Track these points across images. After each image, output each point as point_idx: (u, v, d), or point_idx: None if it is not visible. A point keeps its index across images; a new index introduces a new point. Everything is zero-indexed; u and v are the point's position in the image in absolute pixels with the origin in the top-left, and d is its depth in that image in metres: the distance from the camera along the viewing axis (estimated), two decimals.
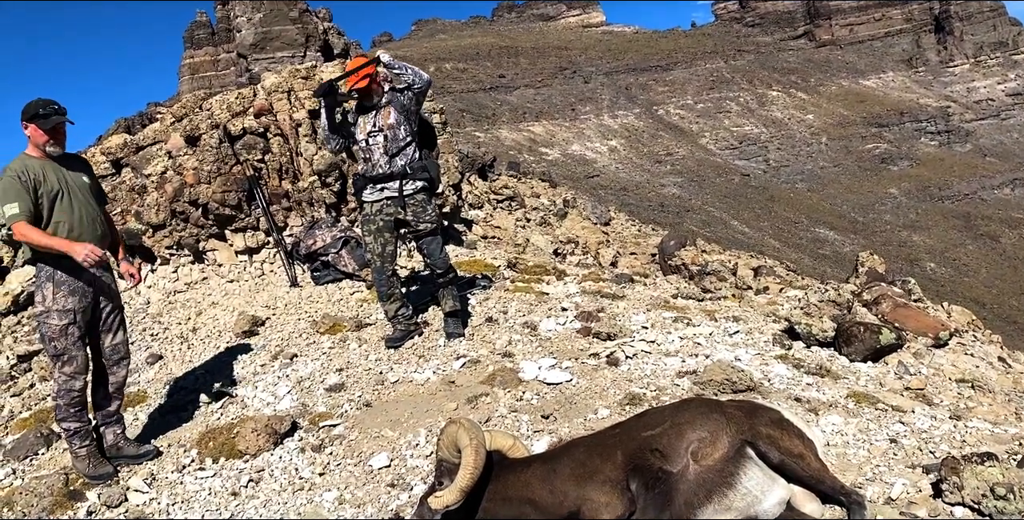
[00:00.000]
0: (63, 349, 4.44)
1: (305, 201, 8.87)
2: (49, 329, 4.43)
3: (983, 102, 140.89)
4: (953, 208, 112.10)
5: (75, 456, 4.57)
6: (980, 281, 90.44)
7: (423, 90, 5.82)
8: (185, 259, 8.47)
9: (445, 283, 6.14)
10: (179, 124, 9.00)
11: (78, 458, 4.55)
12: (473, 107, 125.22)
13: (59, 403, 4.50)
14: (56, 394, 4.50)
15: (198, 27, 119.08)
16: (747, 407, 3.26)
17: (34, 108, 4.34)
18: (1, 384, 6.70)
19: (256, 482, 4.24)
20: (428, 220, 5.97)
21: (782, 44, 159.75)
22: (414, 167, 5.88)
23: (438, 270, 6.12)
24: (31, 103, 4.38)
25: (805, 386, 4.86)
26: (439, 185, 6.69)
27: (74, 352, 4.47)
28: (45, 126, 4.33)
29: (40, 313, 4.46)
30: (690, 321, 6.37)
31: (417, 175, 5.89)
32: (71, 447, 4.58)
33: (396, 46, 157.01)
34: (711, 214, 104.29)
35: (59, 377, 4.47)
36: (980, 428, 4.22)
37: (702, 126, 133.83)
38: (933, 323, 6.62)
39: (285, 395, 5.41)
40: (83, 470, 4.52)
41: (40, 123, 4.33)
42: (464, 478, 3.07)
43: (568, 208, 19.19)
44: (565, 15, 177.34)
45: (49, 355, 4.51)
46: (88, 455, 4.54)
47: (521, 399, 4.79)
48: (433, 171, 5.98)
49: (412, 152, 5.90)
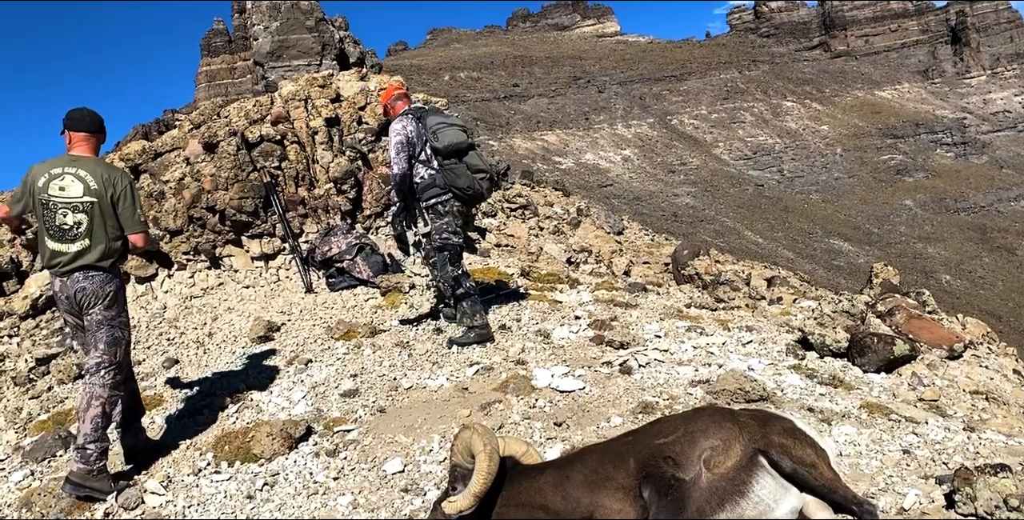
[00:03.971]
0: (125, 357, 4.55)
1: (321, 208, 8.95)
2: (126, 336, 4.56)
3: (1000, 114, 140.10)
4: (969, 220, 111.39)
5: (97, 473, 4.31)
6: (996, 294, 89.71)
7: None
8: (202, 265, 8.55)
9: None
10: (197, 131, 9.11)
11: (99, 476, 4.31)
12: (487, 116, 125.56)
13: (109, 411, 4.42)
14: (108, 400, 4.41)
15: (215, 35, 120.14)
16: (760, 416, 3.27)
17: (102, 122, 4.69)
18: (20, 387, 6.78)
19: (271, 486, 4.27)
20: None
21: (797, 55, 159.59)
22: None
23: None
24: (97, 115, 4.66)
25: (818, 396, 4.86)
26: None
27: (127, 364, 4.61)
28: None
29: (119, 315, 4.52)
30: (703, 330, 6.38)
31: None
32: (95, 464, 4.31)
33: (411, 55, 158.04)
34: (724, 224, 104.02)
35: (113, 383, 4.44)
36: (994, 440, 4.20)
37: (716, 136, 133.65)
38: (947, 335, 6.60)
39: (300, 400, 5.45)
40: (106, 488, 4.30)
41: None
42: (477, 483, 3.09)
43: (581, 217, 19.21)
44: (579, 25, 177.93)
45: (116, 362, 4.47)
46: (107, 473, 4.38)
47: (534, 406, 4.81)
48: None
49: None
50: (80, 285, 4.42)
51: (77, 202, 4.37)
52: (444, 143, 6.00)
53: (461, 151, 6.08)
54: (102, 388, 4.41)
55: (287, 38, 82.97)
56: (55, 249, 4.39)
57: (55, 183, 4.38)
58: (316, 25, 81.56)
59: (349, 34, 75.33)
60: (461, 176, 6.04)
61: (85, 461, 4.28)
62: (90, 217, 4.39)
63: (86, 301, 4.44)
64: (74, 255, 4.39)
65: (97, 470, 4.30)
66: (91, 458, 4.29)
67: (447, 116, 6.26)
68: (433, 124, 6.08)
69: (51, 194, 4.36)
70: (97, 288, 4.43)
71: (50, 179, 4.38)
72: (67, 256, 4.39)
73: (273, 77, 74.92)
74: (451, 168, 6.05)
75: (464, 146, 6.09)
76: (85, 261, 4.41)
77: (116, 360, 4.48)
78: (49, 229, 4.39)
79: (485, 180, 6.13)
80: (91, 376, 4.46)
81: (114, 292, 4.51)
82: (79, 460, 4.28)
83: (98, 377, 4.43)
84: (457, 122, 6.22)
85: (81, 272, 4.41)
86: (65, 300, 4.48)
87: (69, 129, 4.55)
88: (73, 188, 4.37)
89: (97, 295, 4.44)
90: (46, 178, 4.39)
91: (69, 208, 4.36)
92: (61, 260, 4.39)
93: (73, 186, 4.38)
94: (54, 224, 4.37)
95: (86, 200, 4.38)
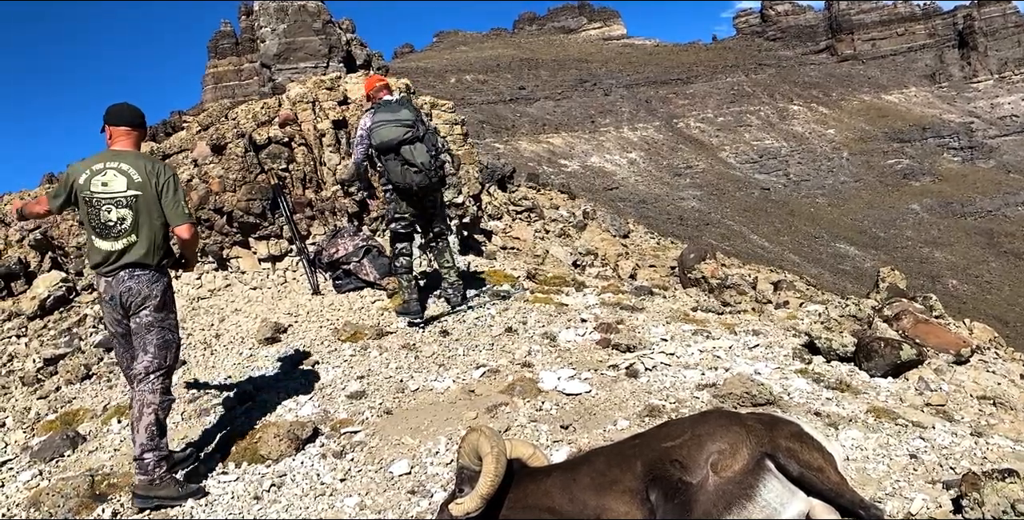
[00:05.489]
0: (175, 360, 4.41)
1: (328, 210, 8.97)
2: (177, 339, 4.42)
3: (1007, 118, 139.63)
4: (976, 224, 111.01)
5: (160, 481, 4.19)
6: (1003, 298, 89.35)
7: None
8: (209, 266, 8.58)
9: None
10: (205, 133, 9.14)
11: (164, 483, 4.19)
12: (493, 118, 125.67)
13: (161, 416, 4.26)
14: (160, 406, 4.27)
15: (222, 37, 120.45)
16: (767, 420, 3.27)
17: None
18: (28, 387, 6.80)
19: (278, 487, 4.28)
20: None
21: (803, 58, 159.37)
22: None
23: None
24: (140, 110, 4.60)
25: (825, 400, 4.86)
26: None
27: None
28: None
29: (168, 317, 4.41)
30: (710, 334, 6.38)
31: None
32: (156, 471, 4.18)
33: (417, 57, 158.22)
34: (730, 228, 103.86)
35: (163, 388, 4.31)
36: (1001, 445, 4.20)
37: (722, 139, 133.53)
38: (954, 339, 6.59)
39: (307, 401, 5.46)
40: (175, 494, 4.19)
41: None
42: (484, 486, 3.10)
43: (587, 220, 19.23)
44: (586, 28, 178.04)
45: (167, 366, 4.35)
46: (172, 477, 4.27)
47: (540, 409, 4.82)
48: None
49: None
50: (126, 285, 4.29)
51: (121, 197, 4.25)
52: (376, 141, 6.57)
53: (392, 147, 6.52)
54: (152, 394, 4.25)
55: (294, 40, 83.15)
56: (101, 247, 4.26)
57: (97, 179, 4.25)
58: (323, 27, 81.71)
59: (356, 36, 75.51)
60: (392, 170, 6.58)
61: (144, 472, 4.16)
62: (135, 212, 4.27)
63: (132, 302, 4.30)
64: (119, 252, 4.25)
65: (159, 478, 4.18)
66: (150, 468, 4.17)
67: (396, 112, 6.62)
68: (374, 123, 6.60)
69: (94, 191, 4.24)
70: (144, 287, 4.30)
71: (92, 176, 4.26)
72: (114, 253, 4.25)
73: (280, 79, 75.09)
74: (385, 163, 6.62)
75: (395, 143, 6.50)
76: (132, 258, 4.26)
77: (167, 364, 4.35)
78: (95, 227, 4.25)
79: (417, 173, 6.52)
80: (140, 383, 4.30)
81: (162, 291, 4.38)
82: (139, 472, 4.18)
83: (148, 383, 4.29)
84: (400, 118, 6.56)
85: (127, 271, 4.28)
86: (110, 303, 4.33)
87: (109, 124, 4.44)
88: (116, 183, 4.26)
89: (144, 295, 4.31)
90: (87, 175, 4.27)
91: (113, 203, 4.24)
92: (108, 258, 4.26)
93: (116, 181, 4.26)
94: (99, 221, 4.24)
95: (130, 194, 4.26)
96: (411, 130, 6.55)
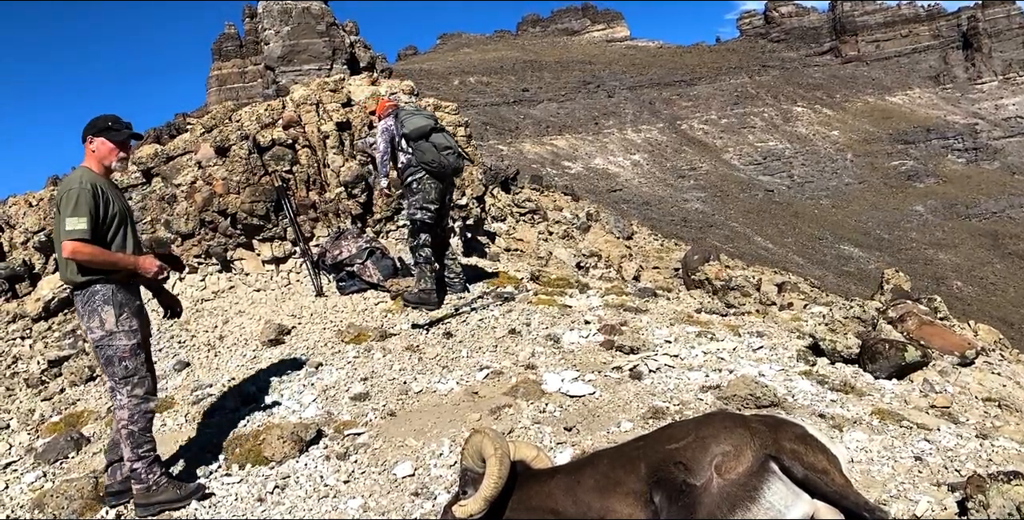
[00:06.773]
0: (134, 369, 4.18)
1: (331, 212, 8.98)
2: (118, 350, 4.14)
3: (1012, 119, 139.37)
4: (980, 226, 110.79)
5: (157, 487, 4.17)
6: (1008, 300, 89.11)
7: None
8: (213, 268, 8.59)
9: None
10: (209, 135, 9.15)
11: (160, 488, 4.17)
12: (497, 120, 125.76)
13: (133, 429, 4.14)
14: (130, 419, 4.15)
15: (226, 39, 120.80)
16: (771, 422, 3.26)
17: (104, 122, 4.23)
18: (32, 388, 6.82)
19: (282, 488, 4.29)
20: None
21: (807, 60, 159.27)
22: None
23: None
24: (101, 117, 4.26)
25: (829, 402, 4.85)
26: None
27: (144, 372, 4.23)
28: (117, 138, 4.21)
29: (102, 337, 4.15)
30: (714, 336, 6.36)
31: None
32: (149, 477, 4.16)
33: (421, 59, 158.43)
34: (734, 229, 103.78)
35: (130, 401, 4.16)
36: (1007, 447, 4.18)
37: (726, 141, 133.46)
38: (959, 341, 6.57)
39: (310, 403, 5.46)
40: (175, 496, 4.17)
41: (112, 136, 4.20)
42: (488, 487, 3.09)
43: (591, 221, 19.22)
44: (589, 30, 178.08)
45: (118, 378, 4.17)
46: (169, 480, 4.24)
47: (544, 411, 4.81)
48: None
49: None
50: (75, 308, 4.24)
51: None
52: (410, 128, 7.21)
53: (426, 133, 7.18)
54: (120, 410, 4.18)
55: (298, 42, 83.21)
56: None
57: None
58: (327, 30, 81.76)
59: (360, 39, 75.47)
60: (427, 152, 7.14)
61: (139, 480, 4.15)
62: (56, 231, 4.16)
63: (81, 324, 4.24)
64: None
65: (155, 483, 4.16)
66: (142, 476, 4.15)
67: (418, 111, 7.51)
68: (403, 114, 7.38)
69: None
70: (80, 307, 4.18)
71: None
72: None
73: (284, 81, 75.14)
74: (419, 148, 7.16)
75: (428, 129, 7.20)
76: (62, 279, 4.24)
77: (120, 376, 4.19)
78: None
79: (451, 154, 7.22)
80: (112, 401, 4.30)
81: (84, 305, 4.16)
82: (135, 482, 4.16)
83: (115, 401, 4.23)
84: (423, 113, 7.46)
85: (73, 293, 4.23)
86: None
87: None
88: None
89: (81, 314, 4.20)
90: None
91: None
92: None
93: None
94: None
95: (54, 212, 4.19)
96: (436, 121, 7.39)
